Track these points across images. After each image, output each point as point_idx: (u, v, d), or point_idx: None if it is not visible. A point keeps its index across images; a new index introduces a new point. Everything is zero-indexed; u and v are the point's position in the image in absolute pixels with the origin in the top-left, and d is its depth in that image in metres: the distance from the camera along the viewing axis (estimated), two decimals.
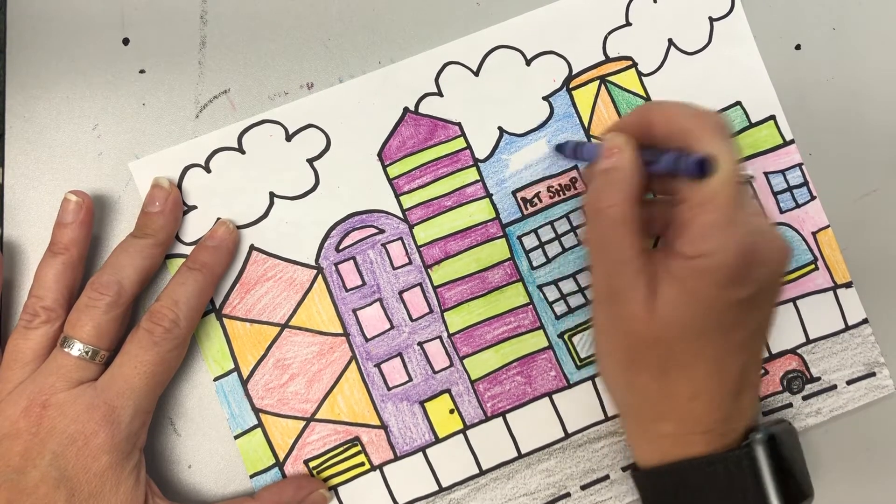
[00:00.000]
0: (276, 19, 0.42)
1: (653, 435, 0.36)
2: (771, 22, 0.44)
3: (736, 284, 0.32)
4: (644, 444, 0.37)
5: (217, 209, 0.41)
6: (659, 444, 0.36)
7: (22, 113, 0.42)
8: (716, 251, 0.32)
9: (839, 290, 0.43)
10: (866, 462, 0.43)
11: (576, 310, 0.42)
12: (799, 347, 0.43)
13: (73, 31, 0.42)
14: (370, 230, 0.42)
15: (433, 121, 0.42)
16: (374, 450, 0.41)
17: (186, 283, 0.38)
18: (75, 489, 0.34)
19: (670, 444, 0.35)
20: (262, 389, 0.41)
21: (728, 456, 0.34)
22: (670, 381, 0.34)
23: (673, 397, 0.34)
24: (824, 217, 0.43)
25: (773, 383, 0.42)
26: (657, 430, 0.36)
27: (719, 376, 0.34)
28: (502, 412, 0.42)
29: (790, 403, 0.42)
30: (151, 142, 0.42)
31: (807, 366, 0.43)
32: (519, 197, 0.42)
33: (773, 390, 0.42)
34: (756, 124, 0.43)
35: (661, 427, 0.35)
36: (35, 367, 0.37)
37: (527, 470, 0.41)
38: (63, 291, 0.38)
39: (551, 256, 0.42)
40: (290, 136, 0.42)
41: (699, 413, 0.34)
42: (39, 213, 0.41)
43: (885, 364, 0.43)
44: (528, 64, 0.43)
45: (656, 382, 0.35)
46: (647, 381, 0.35)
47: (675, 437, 0.35)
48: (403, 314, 0.42)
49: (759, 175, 0.43)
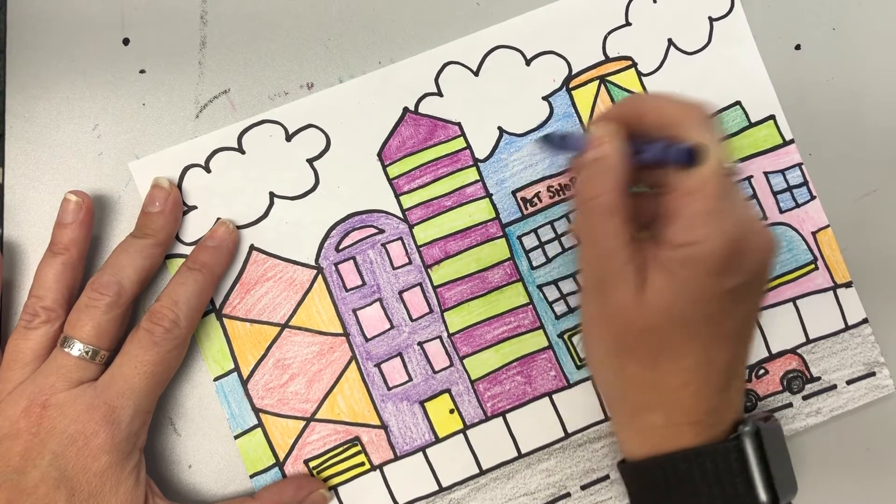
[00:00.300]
0: (276, 19, 0.42)
1: (641, 426, 0.36)
2: (771, 22, 0.44)
3: (724, 273, 0.32)
4: (632, 435, 0.37)
5: (217, 209, 0.41)
6: (647, 436, 0.36)
7: (22, 113, 0.42)
8: (705, 240, 0.32)
9: (839, 289, 0.43)
10: (866, 462, 0.43)
11: (576, 310, 0.42)
12: (799, 347, 0.43)
13: (73, 31, 0.42)
14: (370, 230, 0.42)
15: (433, 121, 0.42)
16: (374, 450, 0.41)
17: (186, 283, 0.38)
18: (75, 489, 0.34)
19: (659, 435, 0.35)
20: (262, 389, 0.41)
21: (717, 448, 0.34)
22: (659, 370, 0.34)
23: (662, 387, 0.34)
24: (824, 217, 0.43)
25: (773, 383, 0.42)
26: (646, 420, 0.35)
27: (708, 366, 0.34)
28: (502, 412, 0.42)
29: (790, 403, 0.42)
30: (151, 142, 0.42)
31: (807, 365, 0.43)
32: (519, 197, 0.42)
33: (773, 390, 0.42)
34: (755, 124, 0.43)
35: (649, 417, 0.35)
36: (35, 367, 0.37)
37: (527, 470, 0.41)
38: (63, 291, 0.38)
39: (551, 256, 0.42)
40: (290, 136, 0.42)
41: (688, 403, 0.34)
42: (39, 213, 0.41)
43: (885, 364, 0.43)
44: (527, 64, 0.43)
45: (645, 372, 0.34)
46: (636, 371, 0.35)
47: (664, 427, 0.35)
48: (403, 314, 0.42)
49: (758, 175, 0.43)
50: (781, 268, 0.43)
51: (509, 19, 0.43)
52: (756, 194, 0.43)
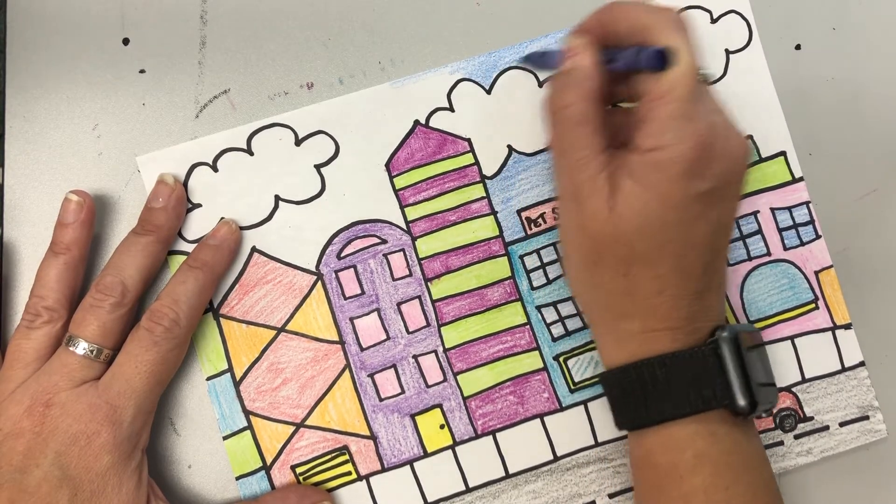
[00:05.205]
0: (276, 19, 0.42)
1: (620, 334, 0.36)
2: (771, 22, 0.44)
3: (693, 177, 0.32)
4: (611, 343, 0.36)
5: (221, 209, 0.41)
6: (625, 343, 0.36)
7: (22, 113, 0.42)
8: (671, 143, 0.32)
9: (838, 331, 0.43)
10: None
11: (573, 333, 0.42)
12: (794, 386, 0.42)
13: (73, 31, 0.42)
14: (373, 239, 0.42)
15: (443, 135, 0.42)
16: (361, 460, 0.41)
17: (187, 281, 0.38)
18: (77, 489, 0.34)
19: (636, 341, 0.35)
20: (254, 392, 0.41)
21: (693, 352, 0.34)
22: (634, 277, 0.34)
23: (637, 294, 0.34)
24: (828, 257, 0.43)
25: (765, 420, 0.42)
26: (623, 327, 0.35)
27: (682, 273, 0.34)
28: (493, 430, 0.42)
29: (781, 441, 0.42)
30: (151, 142, 0.42)
31: (800, 404, 0.42)
32: (523, 216, 0.42)
33: (765, 427, 0.42)
34: (766, 159, 0.43)
35: (626, 325, 0.35)
36: (37, 366, 0.37)
37: (513, 490, 0.41)
38: (65, 291, 0.38)
39: (552, 278, 0.42)
40: (299, 141, 0.42)
41: (664, 310, 0.34)
42: (39, 213, 0.41)
43: (879, 408, 0.42)
44: (540, 86, 0.43)
45: (620, 280, 0.34)
46: (611, 279, 0.35)
47: (642, 334, 0.35)
48: (400, 326, 0.42)
49: (765, 210, 0.43)
50: (782, 305, 0.43)
51: (525, 41, 0.42)
52: (761, 230, 0.43)
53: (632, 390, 0.35)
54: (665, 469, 0.35)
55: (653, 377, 0.34)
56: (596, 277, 0.35)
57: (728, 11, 0.43)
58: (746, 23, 0.44)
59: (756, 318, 0.42)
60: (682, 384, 0.34)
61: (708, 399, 0.34)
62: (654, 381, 0.34)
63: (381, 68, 0.42)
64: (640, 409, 0.35)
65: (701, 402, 0.34)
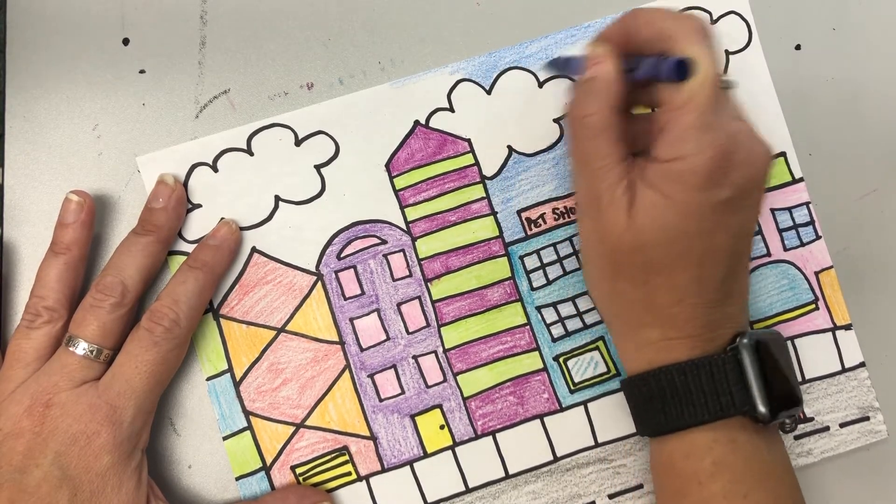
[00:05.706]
0: (276, 19, 0.42)
1: (639, 342, 0.36)
2: (771, 22, 0.44)
3: (713, 187, 0.32)
4: (631, 351, 0.36)
5: (222, 209, 0.41)
6: (645, 351, 0.36)
7: (22, 113, 0.42)
8: (691, 153, 0.32)
9: (838, 331, 0.43)
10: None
11: (573, 334, 0.42)
12: None
13: (73, 31, 0.42)
14: (373, 240, 0.42)
15: (443, 135, 0.42)
16: (361, 460, 0.41)
17: (187, 281, 0.38)
18: (77, 489, 0.34)
19: (655, 350, 0.35)
20: (254, 392, 0.41)
21: (712, 360, 0.34)
22: (652, 288, 0.34)
23: (655, 304, 0.34)
24: (828, 257, 0.43)
25: None
26: (643, 336, 0.35)
27: (701, 282, 0.34)
28: (492, 431, 0.41)
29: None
30: (151, 142, 0.42)
31: None
32: (523, 217, 0.42)
33: None
34: None
35: (646, 333, 0.35)
36: (37, 366, 0.37)
37: (513, 491, 0.41)
38: (65, 291, 0.38)
39: (552, 278, 0.42)
40: (299, 142, 0.42)
41: (682, 319, 0.34)
42: (39, 213, 0.41)
43: (880, 409, 0.42)
44: (540, 86, 0.43)
45: (638, 290, 0.34)
46: (630, 289, 0.35)
47: (660, 342, 0.35)
48: (400, 326, 0.42)
49: (765, 211, 0.43)
50: (782, 306, 0.43)
51: (524, 42, 0.42)
52: (762, 230, 0.43)
53: (651, 398, 0.35)
54: (685, 475, 0.35)
55: (671, 385, 0.35)
56: (615, 286, 0.35)
57: (728, 12, 0.44)
58: (746, 23, 0.44)
59: (756, 318, 0.42)
60: (700, 392, 0.34)
61: (726, 406, 0.34)
62: (672, 388, 0.35)
63: (381, 68, 0.42)
64: (659, 417, 0.35)
65: (719, 410, 0.34)
